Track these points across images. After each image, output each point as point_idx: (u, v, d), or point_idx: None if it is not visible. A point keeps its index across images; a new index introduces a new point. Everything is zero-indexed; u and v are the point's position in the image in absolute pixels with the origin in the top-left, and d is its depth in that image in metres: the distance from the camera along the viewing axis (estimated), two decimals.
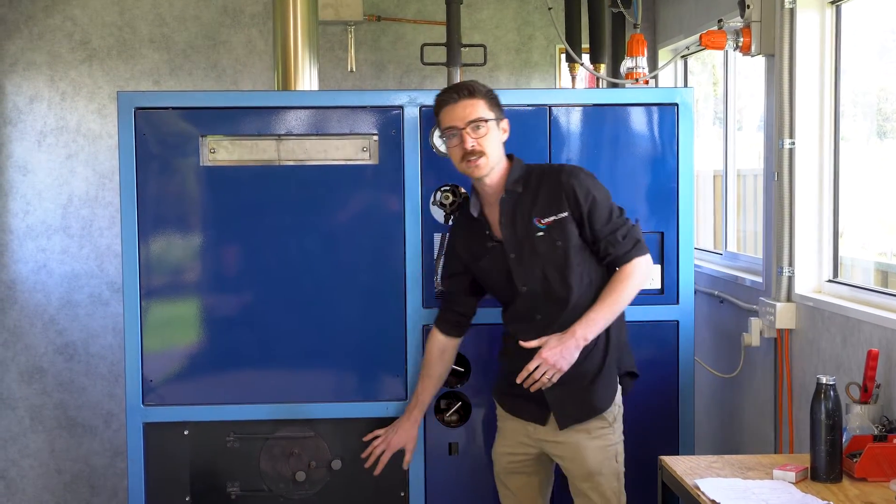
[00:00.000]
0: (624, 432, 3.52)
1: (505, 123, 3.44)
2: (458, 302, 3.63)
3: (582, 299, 3.38)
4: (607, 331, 3.41)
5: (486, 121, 3.35)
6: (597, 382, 3.41)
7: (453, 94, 3.38)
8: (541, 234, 3.37)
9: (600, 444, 3.42)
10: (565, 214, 3.36)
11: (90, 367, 5.55)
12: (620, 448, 3.48)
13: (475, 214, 3.48)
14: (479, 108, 3.36)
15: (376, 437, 3.78)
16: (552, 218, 3.37)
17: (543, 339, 3.37)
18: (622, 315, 3.45)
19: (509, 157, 3.46)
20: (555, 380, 3.36)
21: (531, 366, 3.35)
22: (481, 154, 3.35)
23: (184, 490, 3.83)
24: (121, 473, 5.52)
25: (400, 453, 3.79)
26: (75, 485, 5.60)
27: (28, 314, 5.51)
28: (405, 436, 3.74)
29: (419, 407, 3.72)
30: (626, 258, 3.38)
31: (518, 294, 3.44)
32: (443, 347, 3.66)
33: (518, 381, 3.39)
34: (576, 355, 3.34)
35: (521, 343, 3.39)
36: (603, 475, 3.42)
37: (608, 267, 3.43)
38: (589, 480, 3.43)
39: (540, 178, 3.42)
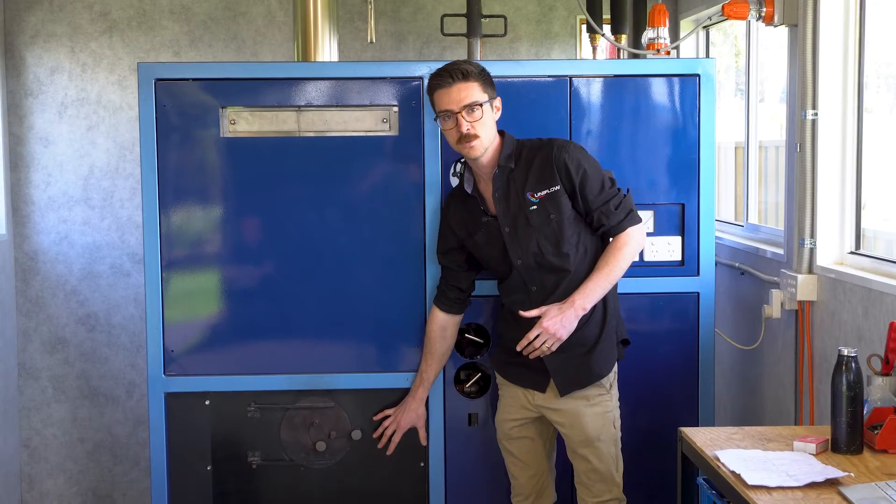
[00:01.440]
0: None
1: (498, 102, 3.46)
2: (455, 277, 3.68)
3: (578, 270, 3.45)
4: (604, 299, 3.48)
5: (481, 104, 3.37)
6: (596, 349, 3.48)
7: (447, 77, 3.39)
8: (534, 207, 3.43)
9: (599, 411, 3.50)
10: (557, 188, 3.41)
11: (112, 337, 5.59)
12: (617, 413, 3.56)
13: (469, 191, 3.53)
14: (474, 92, 3.38)
15: (386, 417, 3.82)
16: (545, 191, 3.42)
17: (543, 308, 3.43)
18: (615, 284, 3.52)
19: (500, 133, 3.50)
20: (554, 348, 3.43)
21: (531, 334, 3.42)
22: (476, 136, 3.38)
23: (205, 459, 3.86)
24: (143, 442, 5.56)
25: (414, 430, 3.84)
26: (98, 453, 5.64)
27: (50, 285, 5.54)
28: (413, 416, 3.80)
29: (423, 385, 3.77)
30: (619, 228, 3.44)
31: (514, 267, 3.49)
32: (443, 325, 3.70)
33: (518, 349, 3.46)
34: (574, 324, 3.41)
35: (521, 313, 3.45)
36: (602, 441, 3.49)
37: (602, 237, 3.50)
38: (588, 446, 3.50)
39: (531, 153, 3.46)
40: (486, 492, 3.90)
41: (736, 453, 2.89)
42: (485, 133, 3.39)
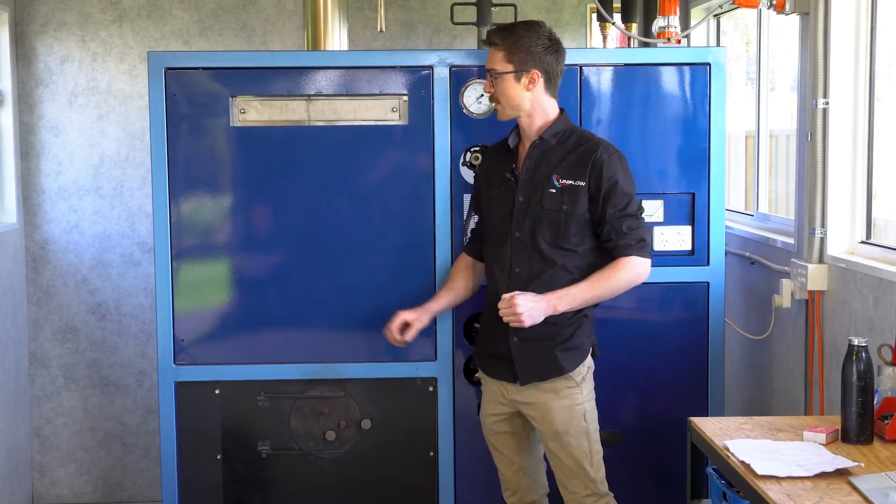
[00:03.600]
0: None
1: (534, 76, 3.41)
2: (480, 231, 3.67)
3: (565, 269, 3.40)
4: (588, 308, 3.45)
5: (499, 73, 3.42)
6: (563, 346, 3.43)
7: (485, 39, 3.52)
8: (553, 191, 3.41)
9: (567, 404, 3.44)
10: (582, 184, 3.39)
11: (122, 326, 5.60)
12: (589, 406, 3.48)
13: (511, 145, 3.52)
14: (495, 60, 3.44)
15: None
16: (569, 182, 3.40)
17: (518, 292, 3.36)
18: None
19: (562, 110, 3.49)
20: (511, 323, 3.35)
21: (506, 296, 3.34)
22: (497, 101, 3.46)
23: (215, 448, 3.87)
24: (153, 431, 5.57)
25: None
26: (108, 442, 5.66)
27: (61, 274, 5.55)
28: (417, 316, 3.66)
29: (430, 311, 3.67)
30: (625, 251, 3.38)
31: (510, 238, 3.46)
32: (469, 264, 3.69)
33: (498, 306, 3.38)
34: (540, 318, 3.35)
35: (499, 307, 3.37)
36: (570, 435, 3.44)
37: (606, 254, 3.42)
38: (556, 440, 3.46)
39: (577, 142, 3.45)
40: (494, 481, 3.90)
41: (745, 443, 2.89)
42: (505, 101, 3.44)
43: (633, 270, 3.39)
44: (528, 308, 3.32)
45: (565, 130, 3.47)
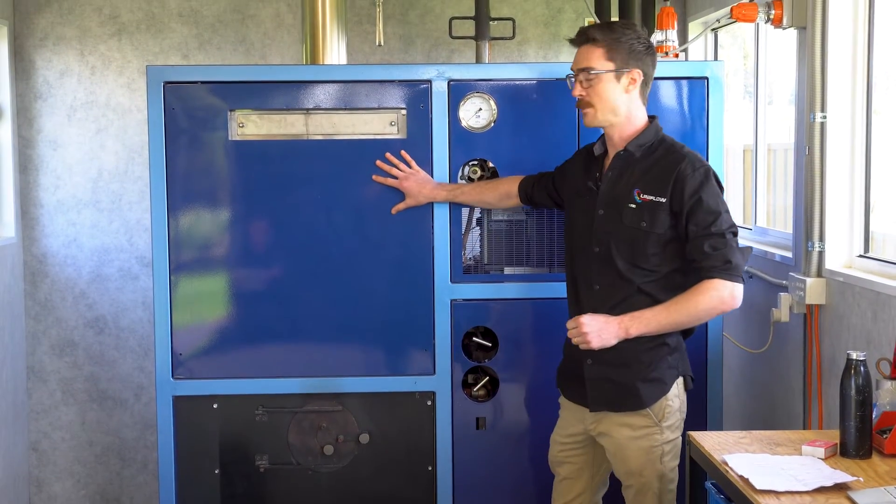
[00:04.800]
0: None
1: (634, 74, 3.26)
2: (539, 184, 3.63)
3: (640, 294, 3.24)
4: (673, 333, 3.26)
5: (599, 72, 3.23)
6: (643, 378, 3.25)
7: (577, 37, 3.32)
8: (633, 206, 3.23)
9: (645, 445, 3.26)
10: (663, 200, 3.20)
11: (120, 340, 5.59)
12: (668, 448, 3.28)
13: (596, 153, 3.39)
14: (593, 57, 3.25)
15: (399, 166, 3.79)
16: (650, 198, 3.21)
17: (589, 314, 3.26)
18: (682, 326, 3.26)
19: (651, 117, 3.34)
20: (581, 346, 3.24)
21: (573, 320, 3.25)
22: (589, 104, 3.27)
23: (213, 463, 3.86)
24: (151, 446, 5.56)
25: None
26: (106, 457, 5.65)
27: (59, 288, 5.55)
28: (417, 188, 3.76)
29: (451, 188, 3.76)
30: (708, 273, 3.16)
31: (589, 252, 3.31)
32: (510, 192, 3.69)
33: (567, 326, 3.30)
34: (611, 341, 3.20)
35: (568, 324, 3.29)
36: (644, 476, 3.28)
37: (693, 276, 3.21)
38: (629, 479, 3.33)
39: (663, 154, 3.27)
40: (493, 496, 3.90)
41: (744, 457, 2.88)
42: (600, 104, 3.24)
43: (715, 295, 3.16)
44: (596, 329, 3.19)
45: (654, 142, 3.29)
